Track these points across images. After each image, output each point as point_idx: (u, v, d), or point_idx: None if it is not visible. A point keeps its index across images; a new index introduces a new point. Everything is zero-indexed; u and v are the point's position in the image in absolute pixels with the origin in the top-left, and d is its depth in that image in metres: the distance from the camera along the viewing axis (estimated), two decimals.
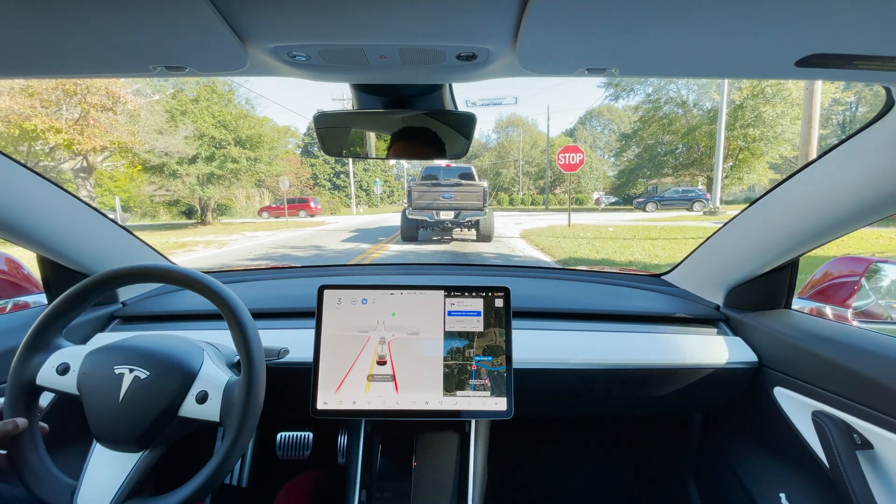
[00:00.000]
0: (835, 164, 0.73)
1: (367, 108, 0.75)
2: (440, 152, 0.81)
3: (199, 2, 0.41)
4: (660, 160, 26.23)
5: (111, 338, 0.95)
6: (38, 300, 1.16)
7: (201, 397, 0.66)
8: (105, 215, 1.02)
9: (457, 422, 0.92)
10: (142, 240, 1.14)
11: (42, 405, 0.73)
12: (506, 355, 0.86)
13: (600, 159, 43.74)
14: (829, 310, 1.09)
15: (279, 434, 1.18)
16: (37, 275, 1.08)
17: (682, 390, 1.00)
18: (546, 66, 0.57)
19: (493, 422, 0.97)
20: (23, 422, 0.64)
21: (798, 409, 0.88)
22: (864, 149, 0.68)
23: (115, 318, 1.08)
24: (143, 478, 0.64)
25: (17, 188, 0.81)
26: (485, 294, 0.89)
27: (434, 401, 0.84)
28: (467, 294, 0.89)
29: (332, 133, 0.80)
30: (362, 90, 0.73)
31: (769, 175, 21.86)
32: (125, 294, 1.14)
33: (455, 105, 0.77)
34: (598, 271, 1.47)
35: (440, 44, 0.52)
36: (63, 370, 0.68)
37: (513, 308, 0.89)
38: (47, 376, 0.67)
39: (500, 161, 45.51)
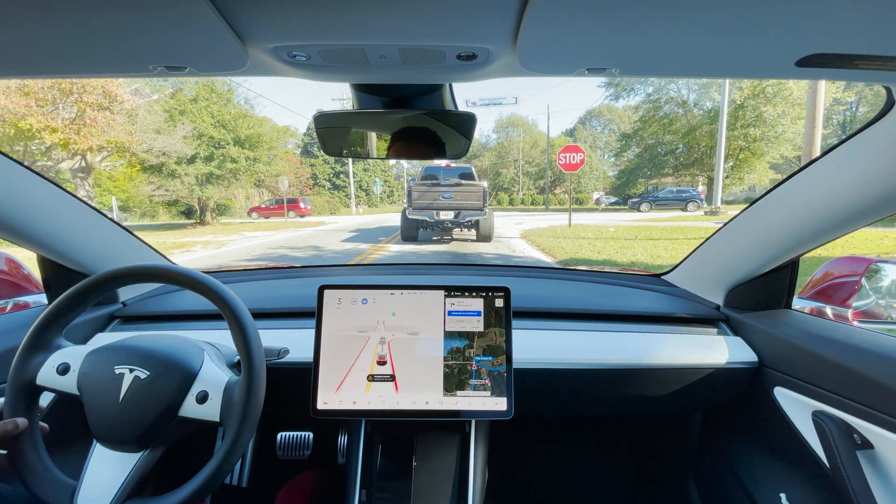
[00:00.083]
0: (835, 164, 0.73)
1: (367, 108, 0.75)
2: (440, 152, 0.81)
3: (199, 2, 0.41)
4: (660, 160, 26.21)
5: (111, 338, 0.95)
6: (38, 300, 1.16)
7: (201, 397, 0.66)
8: (105, 215, 1.02)
9: (457, 422, 0.92)
10: (142, 240, 1.14)
11: (42, 405, 0.74)
12: (506, 355, 0.86)
13: (600, 159, 43.75)
14: (829, 310, 1.09)
15: (279, 434, 1.18)
16: (37, 275, 1.08)
17: (682, 390, 1.00)
18: (546, 66, 0.57)
19: (493, 422, 0.97)
20: (23, 422, 0.64)
21: (798, 409, 0.88)
22: (864, 149, 0.68)
23: (115, 318, 1.08)
24: (143, 478, 0.64)
25: (18, 188, 0.81)
26: (485, 294, 0.89)
27: (434, 401, 0.84)
28: (467, 294, 0.89)
29: (332, 133, 0.80)
30: (362, 90, 0.73)
31: (770, 175, 21.85)
32: (125, 294, 1.14)
33: (455, 105, 0.77)
34: (599, 271, 1.47)
35: (440, 44, 0.52)
36: (63, 370, 0.68)
37: (513, 308, 0.89)
38: (47, 376, 0.67)
39: (500, 161, 45.51)
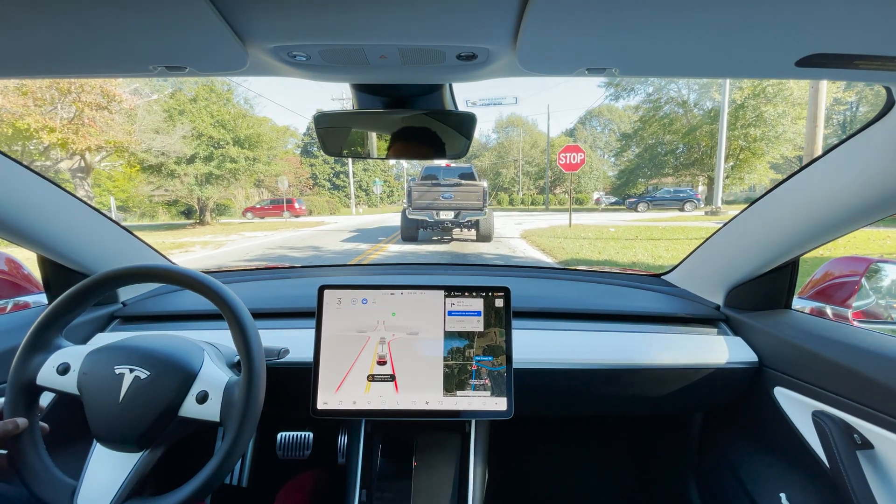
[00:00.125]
0: (835, 164, 0.73)
1: (367, 108, 0.75)
2: (440, 152, 0.81)
3: (199, 2, 0.41)
4: (660, 160, 26.22)
5: (111, 338, 0.95)
6: (38, 300, 1.16)
7: (201, 397, 0.66)
8: (105, 215, 1.02)
9: (457, 422, 0.92)
10: (142, 240, 1.14)
11: (42, 405, 0.74)
12: (506, 355, 0.86)
13: (600, 159, 43.75)
14: (829, 310, 1.09)
15: (279, 434, 1.18)
16: (37, 275, 1.08)
17: (682, 390, 1.00)
18: (546, 66, 0.57)
19: (493, 422, 0.97)
20: (23, 422, 0.64)
21: (798, 409, 0.88)
22: (864, 149, 0.68)
23: (115, 318, 1.08)
24: (143, 478, 0.64)
25: (18, 188, 0.81)
26: (485, 294, 0.89)
27: (434, 401, 0.84)
28: (467, 294, 0.89)
29: (333, 133, 0.80)
30: (362, 90, 0.73)
31: (770, 175, 21.86)
32: (125, 294, 1.14)
33: (455, 105, 0.77)
34: (599, 271, 1.47)
35: (440, 44, 0.52)
36: (63, 370, 0.68)
37: (513, 308, 0.89)
38: (47, 376, 0.67)
39: (500, 161, 45.51)
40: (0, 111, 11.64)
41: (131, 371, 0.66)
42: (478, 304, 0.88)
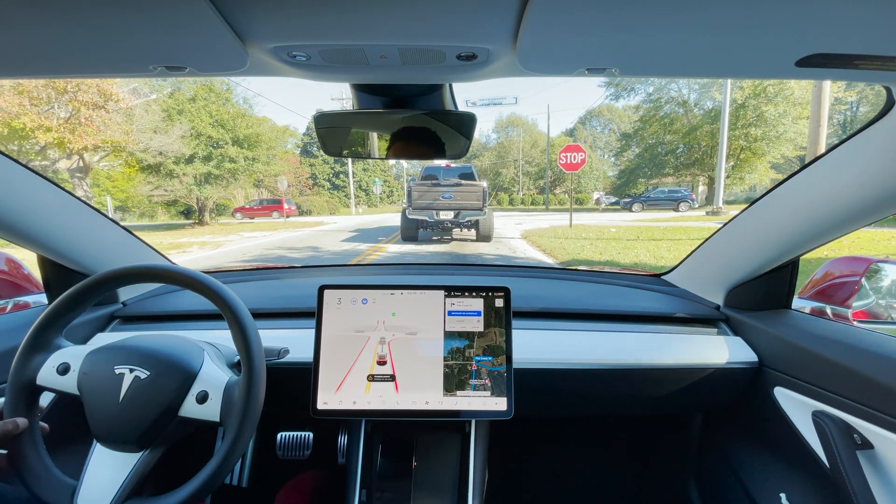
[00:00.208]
0: (835, 164, 0.73)
1: (367, 108, 0.75)
2: (440, 152, 0.81)
3: (199, 2, 0.41)
4: (660, 160, 26.21)
5: (111, 338, 0.95)
6: (38, 300, 1.16)
7: (201, 397, 0.66)
8: (105, 215, 1.02)
9: (457, 422, 0.92)
10: (142, 240, 1.14)
11: (42, 405, 0.74)
12: (506, 355, 0.86)
13: (600, 159, 43.76)
14: (829, 310, 1.09)
15: (279, 434, 1.18)
16: (37, 275, 1.08)
17: (682, 390, 1.00)
18: (546, 66, 0.57)
19: (493, 422, 0.97)
20: (23, 422, 0.64)
21: (798, 409, 0.88)
22: (864, 149, 0.68)
23: (115, 318, 1.08)
24: (143, 478, 0.64)
25: (18, 188, 0.81)
26: (485, 294, 0.89)
27: (434, 401, 0.84)
28: (467, 294, 0.89)
29: (333, 133, 0.80)
30: (362, 90, 0.73)
31: (771, 175, 21.86)
32: (125, 294, 1.14)
33: (455, 105, 0.77)
34: (599, 271, 1.47)
35: (440, 44, 0.52)
36: (63, 370, 0.68)
37: (513, 308, 0.89)
38: (47, 376, 0.67)
39: (500, 161, 45.51)
40: None
41: (131, 371, 0.66)
42: (478, 304, 0.88)
